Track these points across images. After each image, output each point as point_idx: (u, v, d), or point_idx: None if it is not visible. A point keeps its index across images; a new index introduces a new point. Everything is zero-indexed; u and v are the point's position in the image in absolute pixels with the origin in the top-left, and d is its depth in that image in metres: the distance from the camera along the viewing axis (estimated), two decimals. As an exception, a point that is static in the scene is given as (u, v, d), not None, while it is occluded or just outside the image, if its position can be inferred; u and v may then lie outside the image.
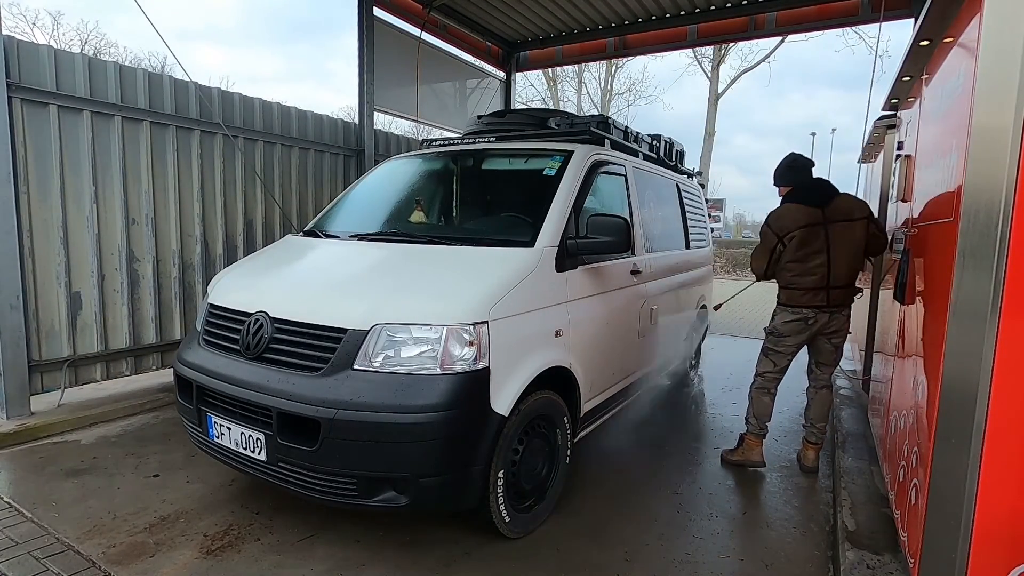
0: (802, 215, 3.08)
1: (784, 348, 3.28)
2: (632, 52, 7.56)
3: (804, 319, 3.16)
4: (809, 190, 3.16)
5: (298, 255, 3.10)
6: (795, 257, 3.09)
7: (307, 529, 2.60)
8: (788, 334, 3.23)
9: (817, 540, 2.64)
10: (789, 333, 3.22)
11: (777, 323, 3.26)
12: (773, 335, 3.28)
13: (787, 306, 3.21)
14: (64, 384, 3.87)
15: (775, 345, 3.29)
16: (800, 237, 3.05)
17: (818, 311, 3.13)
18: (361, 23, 5.81)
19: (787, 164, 3.29)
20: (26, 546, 2.41)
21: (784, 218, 3.13)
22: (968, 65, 1.62)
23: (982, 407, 1.48)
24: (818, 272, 3.07)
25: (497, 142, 3.64)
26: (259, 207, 5.05)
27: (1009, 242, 1.42)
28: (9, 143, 3.46)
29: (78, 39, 25.97)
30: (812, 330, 3.19)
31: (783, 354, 3.30)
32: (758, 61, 23.53)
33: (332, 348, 2.25)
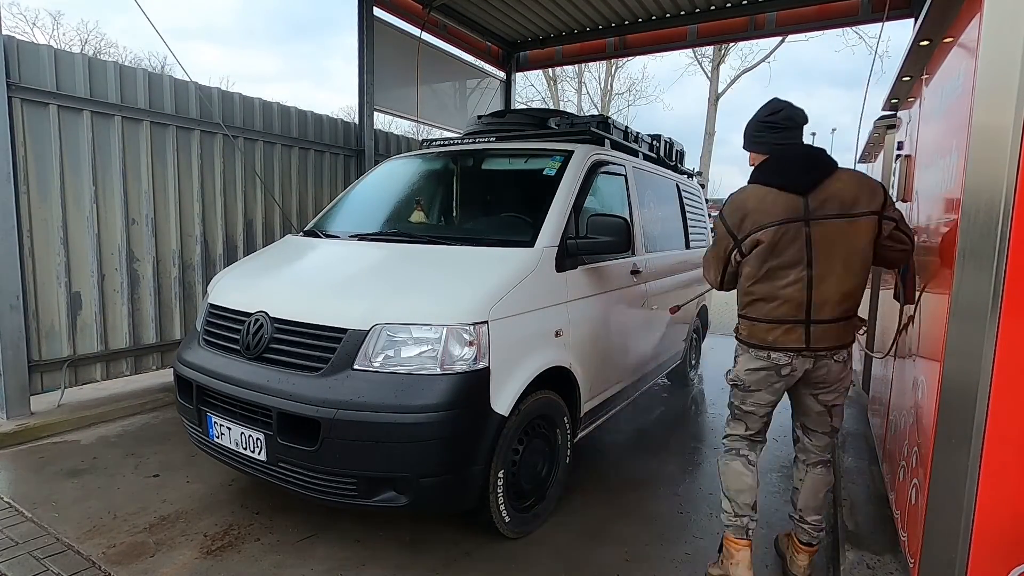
0: (773, 205, 2.00)
1: (754, 406, 2.19)
2: (632, 52, 7.56)
3: (775, 367, 2.09)
4: (788, 164, 2.04)
5: (298, 255, 3.10)
6: (759, 273, 2.05)
7: (307, 529, 2.60)
8: (755, 387, 2.15)
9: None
10: (756, 386, 2.15)
11: (739, 370, 2.19)
12: (737, 387, 2.22)
13: (748, 345, 2.14)
14: (64, 384, 3.87)
15: (741, 402, 2.21)
16: (769, 241, 2.00)
17: (795, 355, 2.05)
18: (361, 23, 5.81)
19: (762, 118, 2.14)
20: (26, 546, 2.41)
21: (744, 207, 2.06)
22: (968, 65, 1.62)
23: (982, 407, 1.48)
24: (792, 296, 2.00)
25: (497, 142, 3.64)
26: (259, 207, 5.05)
27: (1009, 242, 1.42)
28: (9, 143, 3.46)
29: (78, 39, 25.97)
30: (790, 381, 2.13)
31: (754, 414, 2.21)
32: (758, 61, 23.52)
33: (332, 348, 2.25)
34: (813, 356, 2.06)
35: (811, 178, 1.99)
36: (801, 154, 2.06)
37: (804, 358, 2.07)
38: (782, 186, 2.01)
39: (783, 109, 2.11)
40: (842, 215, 1.96)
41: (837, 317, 2.02)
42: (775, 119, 2.09)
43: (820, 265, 1.98)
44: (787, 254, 2.00)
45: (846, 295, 2.00)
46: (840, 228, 1.96)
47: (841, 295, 1.99)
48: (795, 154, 2.07)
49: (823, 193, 1.97)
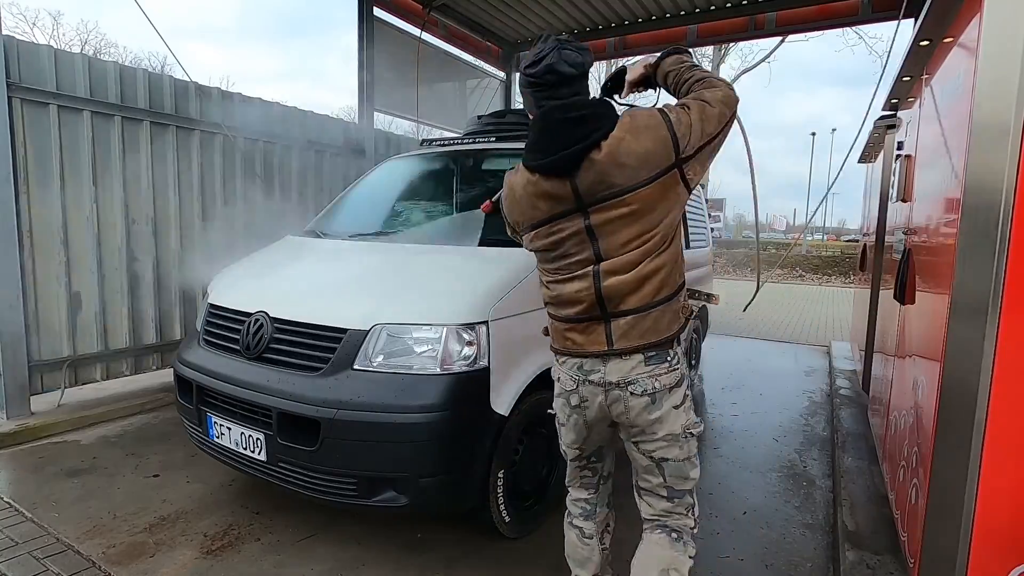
0: (536, 196, 1.52)
1: (568, 447, 1.78)
2: (632, 52, 7.55)
3: (573, 385, 1.61)
4: (546, 137, 1.48)
5: (298, 255, 3.10)
6: (542, 258, 1.64)
7: (307, 529, 2.60)
8: (562, 419, 1.71)
9: (817, 540, 2.64)
10: (563, 418, 1.70)
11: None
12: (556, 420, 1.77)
13: (555, 352, 1.69)
14: (64, 384, 3.87)
15: (561, 440, 1.79)
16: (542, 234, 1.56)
17: (595, 362, 1.56)
18: (361, 23, 5.82)
19: (522, 71, 1.54)
20: (26, 546, 2.41)
21: (512, 196, 1.61)
22: (968, 65, 1.62)
23: (982, 407, 1.48)
24: (580, 279, 1.54)
25: (497, 142, 3.63)
26: (259, 207, 5.04)
27: (1009, 242, 1.42)
28: (9, 143, 3.46)
29: (78, 39, 26.01)
30: (594, 412, 1.61)
31: (573, 462, 1.83)
32: (758, 61, 23.54)
33: (332, 348, 2.25)
34: (618, 362, 1.54)
35: (573, 154, 1.43)
36: (556, 121, 1.46)
37: (604, 362, 1.56)
38: (542, 166, 1.48)
39: (544, 59, 1.46)
40: (613, 197, 1.44)
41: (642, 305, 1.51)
42: (532, 73, 1.49)
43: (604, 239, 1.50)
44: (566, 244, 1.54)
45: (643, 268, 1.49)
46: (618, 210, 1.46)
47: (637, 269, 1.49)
48: (552, 122, 1.47)
49: (593, 170, 1.43)
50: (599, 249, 1.51)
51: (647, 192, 1.44)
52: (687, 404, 1.60)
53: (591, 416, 1.63)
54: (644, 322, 1.51)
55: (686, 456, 1.61)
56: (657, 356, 1.53)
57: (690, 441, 1.61)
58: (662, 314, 1.53)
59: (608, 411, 1.59)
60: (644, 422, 1.56)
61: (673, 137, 1.42)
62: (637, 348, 1.52)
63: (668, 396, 1.55)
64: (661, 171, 1.43)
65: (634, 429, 1.59)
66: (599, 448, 1.79)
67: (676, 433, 1.57)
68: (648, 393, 1.53)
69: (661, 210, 1.47)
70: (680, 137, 1.43)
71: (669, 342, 1.54)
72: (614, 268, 1.50)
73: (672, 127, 1.43)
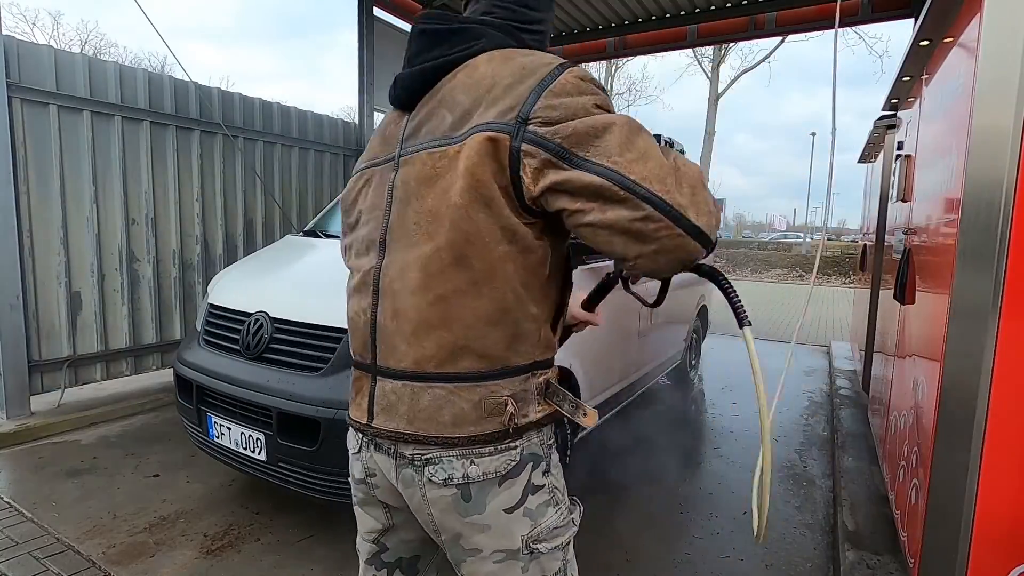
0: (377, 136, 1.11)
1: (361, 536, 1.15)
2: (632, 52, 7.56)
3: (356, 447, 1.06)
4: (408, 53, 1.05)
5: (298, 255, 3.10)
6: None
7: (307, 529, 2.60)
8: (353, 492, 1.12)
9: (817, 540, 2.65)
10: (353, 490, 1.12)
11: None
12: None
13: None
14: (64, 384, 3.87)
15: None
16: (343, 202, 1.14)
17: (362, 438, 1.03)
18: (361, 23, 5.82)
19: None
20: (26, 546, 2.41)
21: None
22: (968, 65, 1.62)
23: (982, 407, 1.48)
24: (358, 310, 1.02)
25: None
26: (259, 207, 5.05)
27: (1009, 242, 1.42)
28: (9, 143, 3.46)
29: (78, 39, 26.02)
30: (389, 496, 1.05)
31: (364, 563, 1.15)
32: (758, 61, 23.59)
33: (332, 348, 2.25)
34: (393, 457, 0.97)
35: (418, 74, 1.01)
36: (419, 32, 1.03)
37: (382, 454, 0.99)
38: (394, 98, 1.07)
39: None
40: (438, 142, 0.93)
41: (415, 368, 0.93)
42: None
43: (394, 244, 0.96)
44: (361, 224, 1.05)
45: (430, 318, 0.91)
46: (427, 166, 0.93)
47: (420, 313, 0.91)
48: (418, 33, 1.04)
49: (430, 101, 0.99)
50: (387, 226, 0.97)
51: (459, 150, 0.89)
52: (536, 502, 0.97)
53: (387, 499, 1.05)
54: (418, 399, 0.92)
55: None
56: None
57: (541, 558, 0.98)
58: (453, 397, 0.91)
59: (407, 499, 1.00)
60: (455, 528, 0.96)
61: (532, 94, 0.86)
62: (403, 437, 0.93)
63: (495, 491, 0.94)
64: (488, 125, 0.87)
65: (443, 536, 0.99)
66: (414, 557, 1.13)
67: (512, 549, 0.96)
68: (456, 483, 0.93)
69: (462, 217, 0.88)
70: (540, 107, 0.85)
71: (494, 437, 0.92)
72: (399, 275, 0.94)
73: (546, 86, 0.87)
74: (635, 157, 0.82)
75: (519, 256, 0.90)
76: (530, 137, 0.85)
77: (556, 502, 1.01)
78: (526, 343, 0.94)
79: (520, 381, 0.95)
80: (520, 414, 0.94)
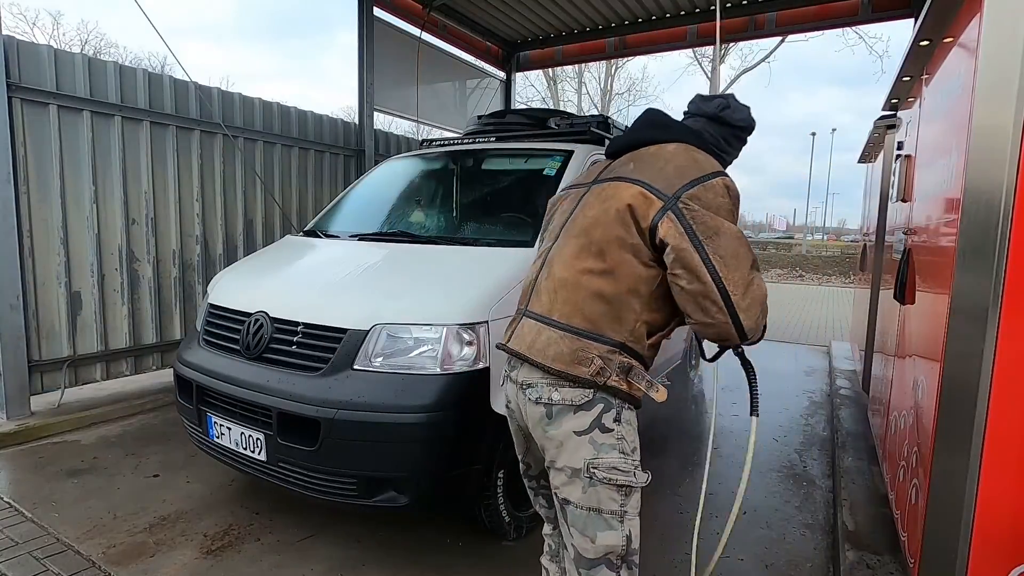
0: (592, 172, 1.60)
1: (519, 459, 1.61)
2: (632, 52, 7.56)
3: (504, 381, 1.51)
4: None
5: (298, 255, 3.10)
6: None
7: (307, 529, 2.60)
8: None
9: (817, 540, 2.64)
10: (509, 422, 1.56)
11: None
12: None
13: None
14: (64, 384, 3.87)
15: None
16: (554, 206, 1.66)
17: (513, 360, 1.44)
18: (361, 23, 5.81)
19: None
20: (26, 546, 2.41)
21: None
22: (968, 65, 1.62)
23: (982, 407, 1.48)
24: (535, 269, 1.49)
25: (497, 142, 3.63)
26: (259, 207, 5.05)
27: (1009, 242, 1.42)
28: (9, 143, 3.46)
29: (78, 39, 26.02)
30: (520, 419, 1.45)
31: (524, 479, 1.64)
32: (758, 61, 23.54)
33: (332, 348, 2.25)
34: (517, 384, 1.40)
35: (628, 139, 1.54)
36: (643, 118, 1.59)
37: (511, 383, 1.44)
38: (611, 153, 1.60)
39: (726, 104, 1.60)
40: (617, 177, 1.41)
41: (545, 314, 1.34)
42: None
43: (564, 235, 1.44)
44: (553, 223, 1.57)
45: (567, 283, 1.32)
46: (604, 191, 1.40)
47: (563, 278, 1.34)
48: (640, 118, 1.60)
49: (630, 156, 1.47)
50: (566, 223, 1.45)
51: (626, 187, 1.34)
52: (602, 439, 1.25)
53: (521, 422, 1.45)
54: (539, 335, 1.33)
55: (592, 506, 1.25)
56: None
57: (598, 487, 1.24)
58: (559, 340, 1.29)
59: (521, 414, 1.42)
60: (541, 438, 1.34)
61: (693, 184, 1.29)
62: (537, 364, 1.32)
63: (569, 416, 1.27)
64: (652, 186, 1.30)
65: (539, 447, 1.39)
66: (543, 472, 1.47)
67: (576, 468, 1.26)
68: (543, 402, 1.30)
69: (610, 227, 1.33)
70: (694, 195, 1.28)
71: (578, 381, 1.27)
72: (558, 254, 1.40)
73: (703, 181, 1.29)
74: (734, 265, 1.24)
75: (638, 266, 1.30)
76: (676, 209, 1.26)
77: (623, 450, 1.30)
78: (622, 326, 1.29)
79: (607, 350, 1.28)
80: (602, 374, 1.26)
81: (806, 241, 26.99)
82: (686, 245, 1.22)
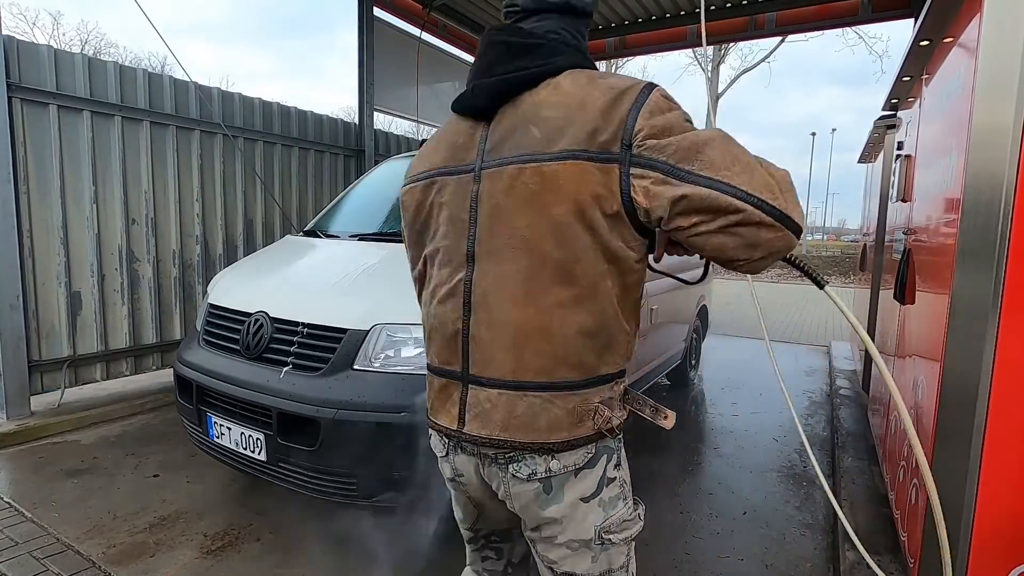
0: (438, 143, 1.13)
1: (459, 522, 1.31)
2: (632, 52, 7.56)
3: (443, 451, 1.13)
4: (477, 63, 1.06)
5: (298, 255, 3.10)
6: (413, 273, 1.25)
7: (307, 529, 2.59)
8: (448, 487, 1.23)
9: (817, 540, 2.65)
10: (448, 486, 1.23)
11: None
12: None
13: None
14: (64, 384, 3.87)
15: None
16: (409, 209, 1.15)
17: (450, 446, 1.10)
18: (361, 23, 5.82)
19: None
20: (26, 546, 2.41)
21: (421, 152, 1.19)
22: (968, 65, 1.62)
23: (982, 407, 1.49)
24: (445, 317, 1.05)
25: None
26: (259, 207, 5.05)
27: (1009, 242, 1.42)
28: (9, 143, 3.46)
29: (78, 39, 26.03)
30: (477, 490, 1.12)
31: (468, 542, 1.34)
32: (758, 61, 23.56)
33: (332, 348, 2.25)
34: (476, 456, 1.05)
35: (494, 85, 1.00)
36: (495, 44, 1.03)
37: (465, 455, 1.07)
38: (460, 107, 1.07)
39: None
40: (526, 157, 0.95)
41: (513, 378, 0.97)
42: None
43: (484, 257, 0.99)
44: (440, 235, 1.05)
45: (532, 330, 0.95)
46: (519, 181, 0.95)
47: (521, 325, 0.95)
48: (489, 45, 1.04)
49: (513, 116, 0.99)
50: (475, 238, 0.98)
51: (556, 170, 0.91)
52: (609, 494, 1.03)
53: (476, 494, 1.12)
54: (514, 407, 0.96)
55: (602, 572, 1.05)
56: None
57: (611, 550, 1.04)
58: (548, 404, 0.95)
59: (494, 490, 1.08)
60: (535, 517, 1.04)
61: (630, 116, 0.90)
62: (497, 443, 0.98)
63: (572, 482, 1.00)
64: (588, 151, 0.90)
65: (528, 523, 1.07)
66: (507, 530, 1.25)
67: (586, 539, 1.02)
68: (538, 478, 0.99)
69: (569, 235, 0.92)
70: (641, 128, 0.89)
71: (581, 440, 0.98)
72: (494, 288, 0.96)
73: (640, 106, 0.90)
74: (741, 170, 0.87)
75: (619, 276, 0.96)
76: (636, 160, 0.89)
77: (625, 496, 1.08)
78: (616, 354, 1.00)
79: (607, 388, 1.00)
80: (609, 421, 1.00)
81: (806, 241, 26.99)
82: (681, 190, 0.86)
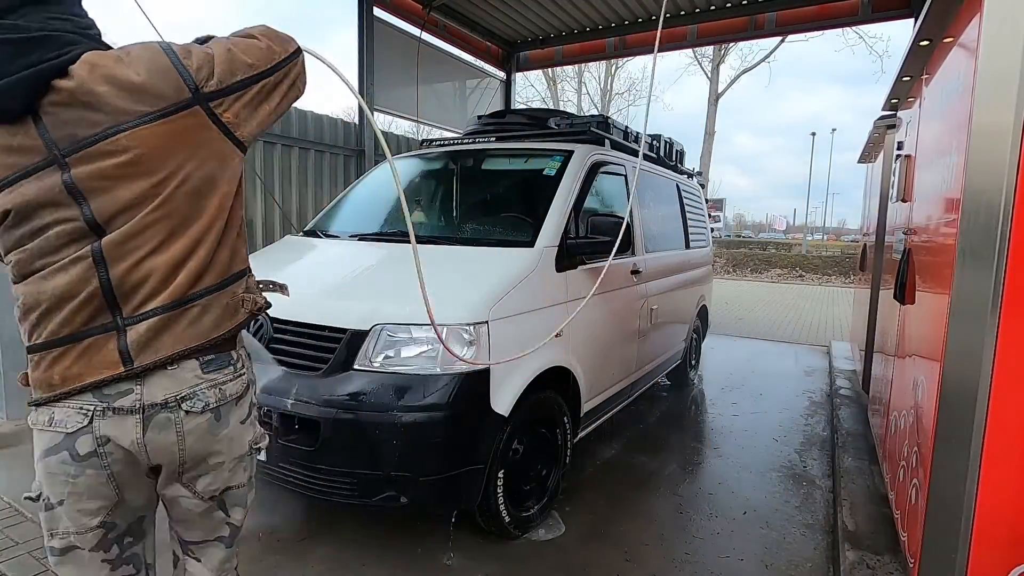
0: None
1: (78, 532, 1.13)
2: (632, 52, 7.56)
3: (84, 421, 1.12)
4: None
5: (298, 255, 3.10)
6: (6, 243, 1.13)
7: (307, 529, 2.59)
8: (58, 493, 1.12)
9: (817, 540, 2.65)
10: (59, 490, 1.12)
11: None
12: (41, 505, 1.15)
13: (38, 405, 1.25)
14: (64, 384, 3.87)
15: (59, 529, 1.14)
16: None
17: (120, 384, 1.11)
18: (361, 23, 5.81)
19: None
20: (26, 546, 2.41)
21: None
22: (968, 65, 1.62)
23: (982, 407, 1.49)
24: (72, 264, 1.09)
25: (497, 142, 3.64)
26: (259, 207, 5.05)
27: (1009, 242, 1.42)
28: (9, 143, 3.46)
29: (78, 39, 25.97)
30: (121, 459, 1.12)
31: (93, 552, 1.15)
32: (758, 61, 23.57)
33: (332, 348, 2.25)
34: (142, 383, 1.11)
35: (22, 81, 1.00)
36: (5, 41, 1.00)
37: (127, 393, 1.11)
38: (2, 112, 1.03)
39: None
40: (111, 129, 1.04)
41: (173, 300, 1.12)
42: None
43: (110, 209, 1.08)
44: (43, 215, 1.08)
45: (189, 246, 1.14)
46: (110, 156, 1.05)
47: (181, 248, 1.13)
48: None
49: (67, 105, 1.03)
50: (91, 213, 1.07)
51: (150, 132, 1.05)
52: (253, 415, 1.30)
53: (119, 467, 1.12)
54: (178, 322, 1.13)
55: (249, 477, 1.31)
56: (217, 360, 1.18)
57: (254, 459, 1.32)
58: (204, 310, 1.16)
59: (145, 451, 1.12)
60: (203, 450, 1.17)
61: (179, 66, 1.08)
62: (171, 359, 1.12)
63: (235, 409, 1.22)
64: (170, 107, 1.07)
65: (186, 465, 1.17)
66: (140, 519, 1.24)
67: (244, 453, 1.26)
68: (211, 408, 1.16)
69: (182, 160, 1.09)
70: (192, 68, 1.09)
71: (223, 344, 1.19)
72: (125, 244, 1.08)
73: (176, 57, 1.09)
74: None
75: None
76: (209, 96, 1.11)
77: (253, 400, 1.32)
78: None
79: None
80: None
81: (806, 241, 27.00)
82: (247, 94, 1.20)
